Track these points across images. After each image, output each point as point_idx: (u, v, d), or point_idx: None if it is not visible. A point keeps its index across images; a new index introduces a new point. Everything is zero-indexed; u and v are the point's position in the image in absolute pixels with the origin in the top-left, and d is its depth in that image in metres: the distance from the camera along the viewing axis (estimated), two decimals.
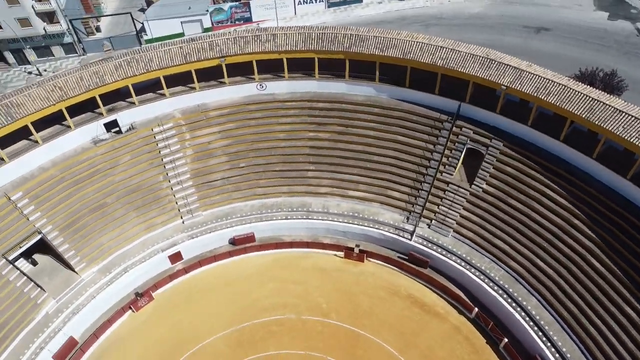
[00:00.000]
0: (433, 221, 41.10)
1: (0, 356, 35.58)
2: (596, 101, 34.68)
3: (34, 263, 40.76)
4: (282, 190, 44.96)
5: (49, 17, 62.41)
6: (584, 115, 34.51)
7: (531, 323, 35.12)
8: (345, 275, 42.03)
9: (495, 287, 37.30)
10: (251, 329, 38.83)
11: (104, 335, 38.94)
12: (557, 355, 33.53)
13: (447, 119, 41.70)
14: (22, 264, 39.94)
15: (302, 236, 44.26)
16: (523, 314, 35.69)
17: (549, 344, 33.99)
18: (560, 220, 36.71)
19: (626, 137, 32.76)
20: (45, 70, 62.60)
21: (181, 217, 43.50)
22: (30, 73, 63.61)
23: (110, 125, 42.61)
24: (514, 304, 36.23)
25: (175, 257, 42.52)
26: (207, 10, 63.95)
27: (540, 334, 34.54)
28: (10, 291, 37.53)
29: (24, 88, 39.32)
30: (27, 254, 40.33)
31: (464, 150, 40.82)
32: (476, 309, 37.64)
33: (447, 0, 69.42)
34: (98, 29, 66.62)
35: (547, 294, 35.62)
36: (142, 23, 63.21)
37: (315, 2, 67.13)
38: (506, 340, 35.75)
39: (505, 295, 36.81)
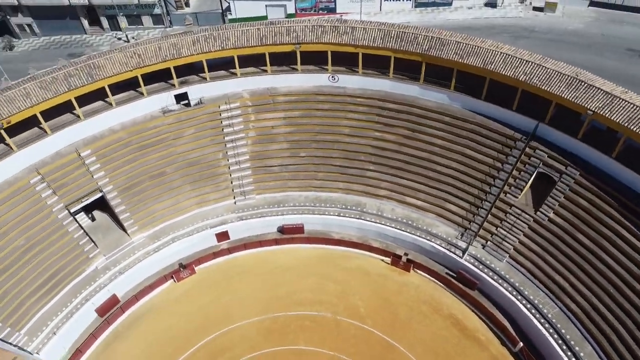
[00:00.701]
0: (489, 242, 38.77)
1: (50, 301, 37.63)
2: None
3: (93, 219, 42.68)
4: (338, 186, 44.16)
5: None
6: None
7: None
8: (389, 282, 40.69)
9: (547, 325, 34.57)
10: (284, 320, 38.52)
11: (144, 299, 40.10)
12: None
13: (520, 138, 39.02)
14: (82, 218, 41.87)
15: (352, 235, 43.32)
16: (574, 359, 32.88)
17: None
18: (633, 265, 33.30)
19: None
20: (133, 38, 65.32)
21: (234, 198, 43.81)
22: (119, 39, 66.72)
23: (180, 98, 43.58)
24: (564, 347, 33.40)
25: (222, 236, 42.94)
26: None
27: None
28: (68, 242, 39.47)
29: (107, 52, 40.99)
30: (88, 210, 42.29)
31: (535, 174, 38.04)
32: (521, 344, 35.11)
33: (542, 13, 65.29)
34: (187, 4, 68.55)
35: (605, 343, 32.52)
36: (229, 2, 64.35)
37: (402, 0, 65.26)
38: None
39: (556, 336, 34.03)
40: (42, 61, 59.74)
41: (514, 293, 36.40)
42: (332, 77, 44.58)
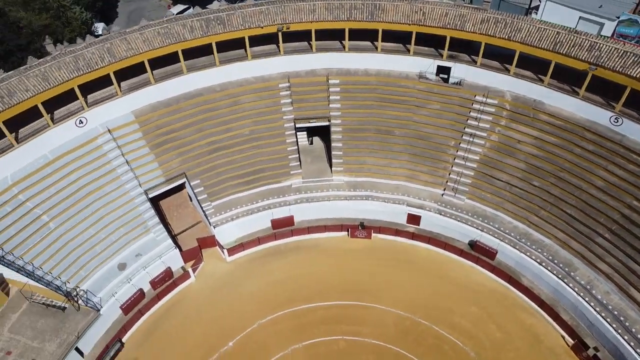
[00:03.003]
0: None
1: (242, 192, 41.48)
2: None
3: (310, 142, 44.77)
4: (557, 234, 37.69)
5: None
6: None
7: None
8: None
9: None
10: (426, 330, 35.44)
11: (314, 235, 41.02)
12: None
13: None
14: (302, 136, 44.14)
15: (542, 291, 37.15)
16: None
17: None
18: None
19: None
20: None
21: (443, 189, 41.03)
22: None
23: (442, 70, 41.51)
24: None
25: (413, 219, 40.95)
26: (618, 17, 54.54)
27: None
28: (280, 150, 42.31)
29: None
30: (310, 132, 44.27)
31: None
32: None
33: None
34: None
35: None
36: (540, 1, 58.42)
37: None
38: None
39: None
40: None
41: None
42: (616, 118, 37.08)
